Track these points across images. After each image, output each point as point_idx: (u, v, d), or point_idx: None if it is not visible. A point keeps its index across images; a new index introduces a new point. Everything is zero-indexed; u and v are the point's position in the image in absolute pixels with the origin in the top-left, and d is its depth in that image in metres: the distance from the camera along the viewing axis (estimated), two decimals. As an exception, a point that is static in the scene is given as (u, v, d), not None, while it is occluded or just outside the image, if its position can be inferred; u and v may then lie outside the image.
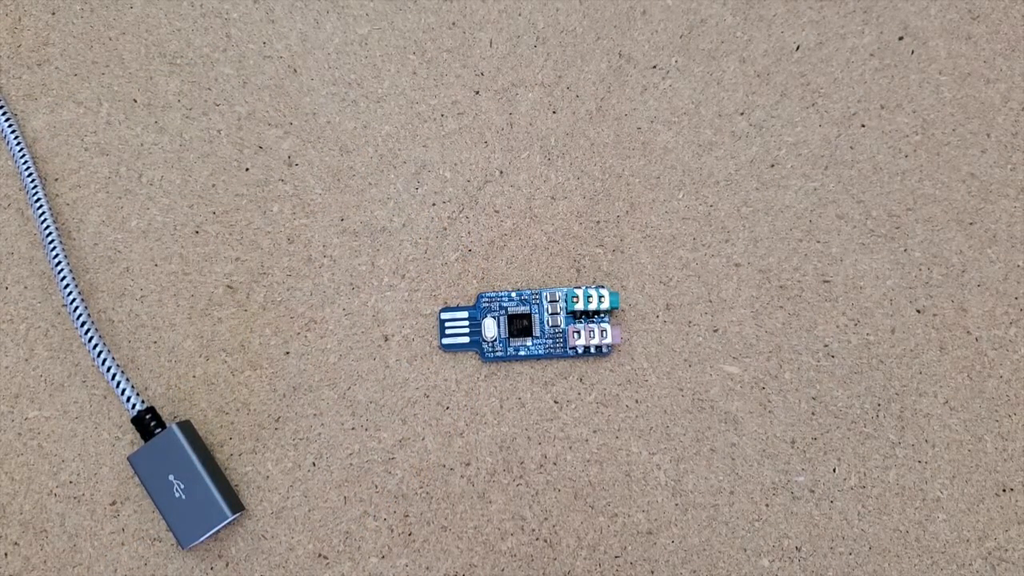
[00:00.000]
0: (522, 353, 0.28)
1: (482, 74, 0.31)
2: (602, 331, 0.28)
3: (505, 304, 0.29)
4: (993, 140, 0.30)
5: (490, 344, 0.28)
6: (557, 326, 0.28)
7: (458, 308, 0.29)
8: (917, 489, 0.28)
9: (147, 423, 0.27)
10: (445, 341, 0.29)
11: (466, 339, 0.28)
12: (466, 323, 0.29)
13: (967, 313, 0.29)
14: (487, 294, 0.29)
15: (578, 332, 0.28)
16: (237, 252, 0.30)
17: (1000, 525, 0.28)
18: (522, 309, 0.29)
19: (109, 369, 0.27)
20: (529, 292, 0.29)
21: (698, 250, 0.30)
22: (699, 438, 0.28)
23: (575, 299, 0.28)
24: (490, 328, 0.28)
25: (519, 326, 0.28)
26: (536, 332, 0.28)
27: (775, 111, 0.30)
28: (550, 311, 0.29)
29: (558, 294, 0.29)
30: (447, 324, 0.29)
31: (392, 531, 0.28)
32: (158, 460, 0.27)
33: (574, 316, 0.29)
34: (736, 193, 0.30)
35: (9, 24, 0.31)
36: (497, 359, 0.28)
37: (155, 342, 0.29)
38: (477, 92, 0.31)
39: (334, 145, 0.30)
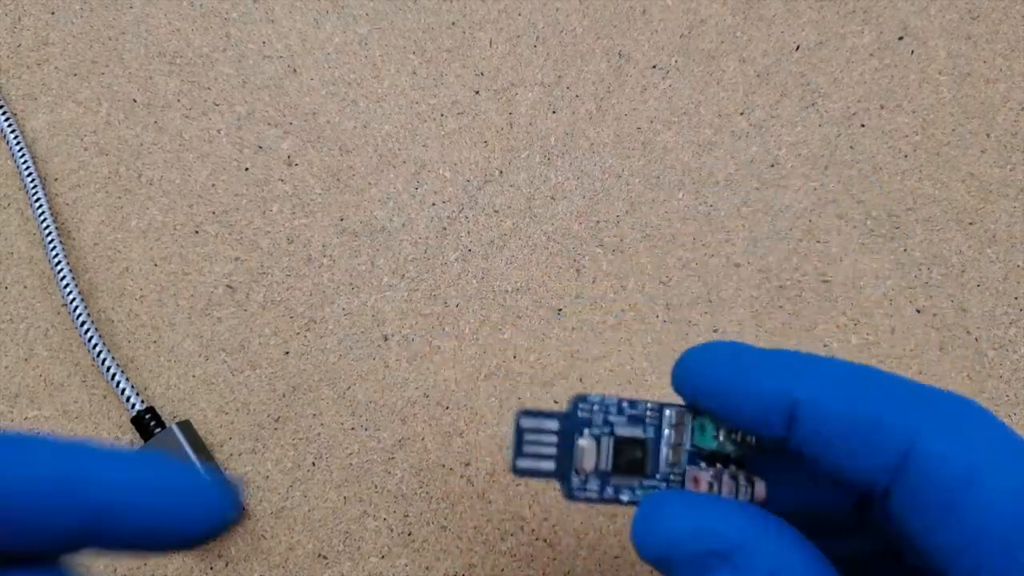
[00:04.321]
0: (624, 499, 0.18)
1: (482, 74, 0.31)
2: (749, 480, 0.17)
3: (611, 419, 0.18)
4: (993, 140, 0.30)
5: (582, 478, 0.18)
6: (677, 463, 0.18)
7: (544, 414, 0.17)
8: (917, 489, 0.28)
9: (147, 423, 0.27)
10: (520, 464, 0.17)
11: (551, 463, 0.17)
12: (554, 437, 0.17)
13: (967, 313, 0.29)
14: (589, 397, 0.18)
15: (701, 479, 0.17)
16: (237, 252, 0.30)
17: (1000, 525, 0.28)
18: (634, 432, 0.18)
19: (109, 369, 0.27)
20: (646, 405, 0.18)
21: (698, 250, 0.30)
22: (699, 438, 0.28)
23: (702, 428, 0.18)
24: (589, 454, 0.17)
25: (629, 457, 0.18)
26: (648, 469, 0.18)
27: (775, 111, 0.30)
28: (673, 440, 0.18)
29: (686, 416, 0.18)
30: (528, 436, 0.17)
31: (392, 531, 0.28)
32: (158, 460, 0.27)
33: (700, 455, 0.18)
34: (736, 193, 0.30)
35: (9, 24, 0.31)
36: (588, 501, 0.18)
37: (155, 342, 0.29)
38: (477, 92, 0.31)
39: (334, 145, 0.30)
